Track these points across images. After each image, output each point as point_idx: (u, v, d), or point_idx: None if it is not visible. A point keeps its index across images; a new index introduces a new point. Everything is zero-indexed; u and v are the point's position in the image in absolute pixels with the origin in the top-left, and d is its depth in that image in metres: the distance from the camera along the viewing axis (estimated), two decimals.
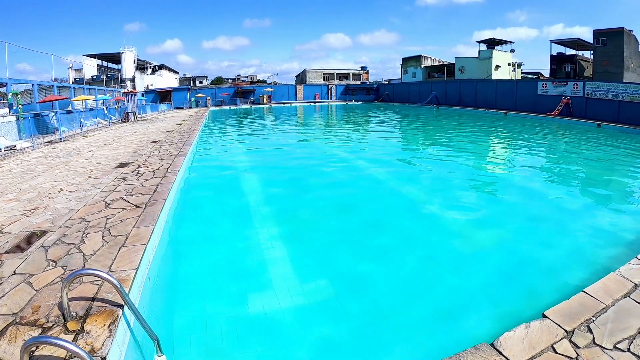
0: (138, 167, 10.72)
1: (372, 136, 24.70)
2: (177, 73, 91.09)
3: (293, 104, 61.21)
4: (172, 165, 10.84)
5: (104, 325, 3.41)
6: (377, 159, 15.45)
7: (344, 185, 11.07)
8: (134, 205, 7.12)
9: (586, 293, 4.23)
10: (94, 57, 67.49)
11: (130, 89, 45.49)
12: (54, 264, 4.71)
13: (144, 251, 5.03)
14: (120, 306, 3.70)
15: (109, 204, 7.22)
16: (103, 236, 5.58)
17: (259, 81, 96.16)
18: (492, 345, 3.21)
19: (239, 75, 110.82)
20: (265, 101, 65.42)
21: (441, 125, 30.58)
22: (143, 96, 52.18)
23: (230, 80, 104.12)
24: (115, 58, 63.95)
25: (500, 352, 3.08)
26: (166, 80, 74.31)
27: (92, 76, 63.27)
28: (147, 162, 11.49)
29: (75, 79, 61.53)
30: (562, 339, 3.35)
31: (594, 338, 3.39)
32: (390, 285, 5.54)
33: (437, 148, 19.44)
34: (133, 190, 8.22)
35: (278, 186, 10.85)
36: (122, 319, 3.58)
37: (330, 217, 8.33)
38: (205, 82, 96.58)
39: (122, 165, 11.33)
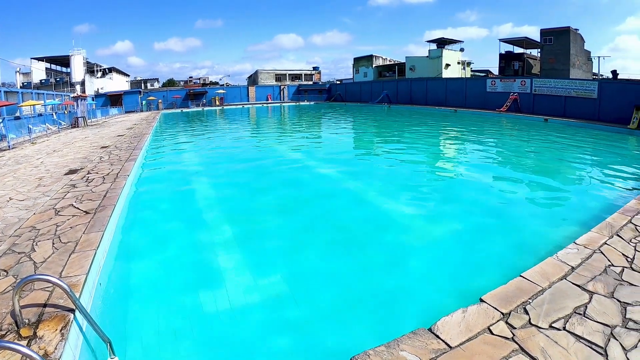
0: (88, 173, 10.96)
1: (324, 136, 25.44)
2: (128, 76, 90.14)
3: (245, 106, 62.50)
4: (122, 170, 11.07)
5: (56, 329, 3.50)
6: (328, 158, 15.96)
7: (295, 184, 11.45)
8: (84, 211, 7.23)
9: (523, 277, 4.33)
10: (42, 60, 65.37)
11: (79, 93, 45.98)
12: (5, 273, 4.74)
13: (94, 256, 5.14)
14: (72, 311, 3.78)
15: (58, 212, 7.31)
16: (53, 243, 5.66)
17: (211, 83, 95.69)
18: (429, 330, 3.27)
19: (190, 77, 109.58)
20: (217, 103, 66.23)
21: (392, 124, 31.82)
22: (93, 100, 51.72)
23: (182, 83, 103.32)
24: (65, 61, 62.93)
25: (437, 336, 3.15)
26: (117, 84, 73.56)
27: (41, 80, 61.77)
28: (97, 168, 11.72)
29: (23, 83, 60.46)
30: (498, 321, 3.44)
31: (529, 319, 3.49)
32: (341, 277, 5.71)
33: (388, 145, 20.35)
34: (83, 197, 8.32)
35: (229, 187, 11.18)
36: (74, 323, 3.69)
37: (283, 215, 8.58)
38: (156, 85, 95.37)
39: (72, 172, 11.44)
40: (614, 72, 44.27)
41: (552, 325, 3.49)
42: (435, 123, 31.87)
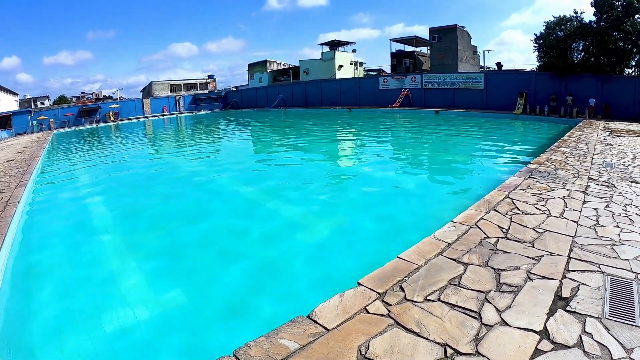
0: None
1: (221, 145, 26.47)
2: (17, 95, 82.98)
3: (141, 119, 61.52)
4: (11, 197, 10.88)
5: None
6: (224, 166, 16.67)
7: (193, 195, 11.83)
8: None
9: (400, 258, 4.65)
10: None
11: None
12: None
13: None
14: None
15: None
16: None
17: (105, 97, 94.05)
18: (308, 317, 3.51)
19: (83, 93, 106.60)
20: (111, 118, 63.28)
21: (288, 127, 34.13)
22: None
23: (74, 99, 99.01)
24: None
25: (315, 321, 3.40)
26: (4, 104, 66.97)
27: None
28: None
29: None
30: (374, 300, 3.72)
31: (405, 295, 3.81)
32: (239, 280, 6.19)
33: (284, 148, 21.52)
34: None
35: (126, 205, 11.31)
36: None
37: (181, 227, 8.91)
38: (47, 103, 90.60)
39: None
40: (499, 64, 50.18)
41: (427, 298, 3.83)
42: (330, 123, 33.59)
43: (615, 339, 3.16)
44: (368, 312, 3.58)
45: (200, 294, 5.88)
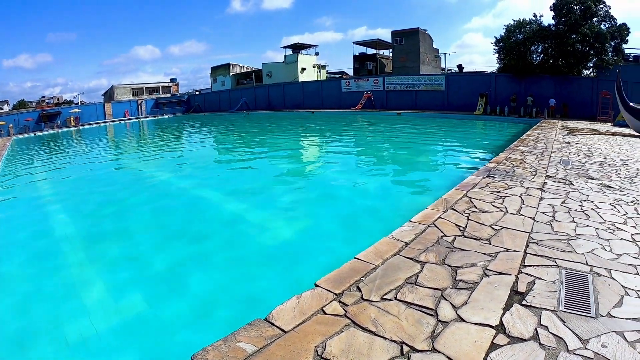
0: None
1: (182, 149, 26.59)
2: None
3: (103, 124, 60.46)
4: None
5: None
6: (186, 171, 16.86)
7: (154, 200, 11.80)
8: None
9: (358, 259, 4.72)
10: None
11: None
12: None
13: None
14: None
15: None
16: None
17: (65, 102, 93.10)
18: (265, 319, 3.59)
19: (43, 97, 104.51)
20: (72, 123, 62.19)
21: (250, 130, 34.69)
22: None
23: (34, 104, 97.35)
24: None
25: (272, 324, 3.49)
26: None
27: None
28: None
29: None
30: (331, 301, 3.80)
31: (362, 295, 3.88)
32: (198, 285, 6.34)
33: (247, 152, 21.95)
34: None
35: (86, 212, 11.19)
36: None
37: (140, 232, 8.99)
38: (6, 108, 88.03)
39: None
40: (460, 66, 51.82)
41: (384, 297, 3.88)
42: (293, 126, 34.20)
43: (571, 330, 3.24)
44: (325, 313, 3.64)
45: (160, 300, 5.96)
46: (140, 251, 8.01)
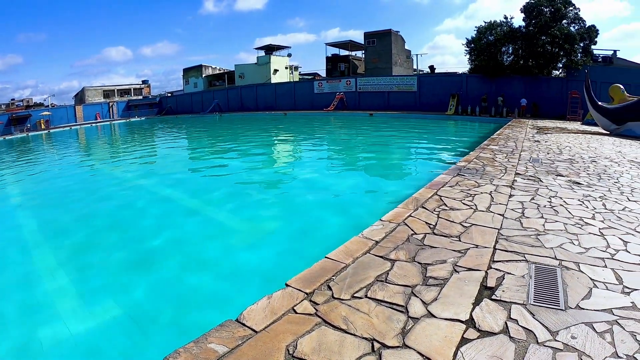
0: None
1: (154, 152, 26.53)
2: None
3: (74, 127, 60.38)
4: None
5: None
6: (157, 174, 16.78)
7: (125, 205, 11.80)
8: None
9: (328, 258, 4.77)
10: None
11: None
12: None
13: None
14: None
15: None
16: None
17: (36, 104, 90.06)
18: (237, 320, 3.64)
19: (13, 100, 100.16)
20: (43, 127, 61.19)
21: (224, 131, 35.23)
22: None
23: (3, 106, 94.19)
24: None
25: (243, 324, 3.54)
26: None
27: None
28: None
29: None
30: (302, 300, 3.86)
31: (332, 294, 3.94)
32: (172, 287, 6.42)
33: (220, 154, 22.08)
34: None
35: (56, 218, 11.03)
36: None
37: (112, 237, 8.98)
38: None
39: None
40: (432, 67, 52.67)
41: (354, 295, 3.91)
42: (266, 127, 34.40)
43: (541, 323, 3.30)
44: (296, 312, 3.68)
45: (134, 303, 6.00)
46: (106, 254, 8.01)
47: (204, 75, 73.53)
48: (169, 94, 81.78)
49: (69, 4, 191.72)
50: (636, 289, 3.86)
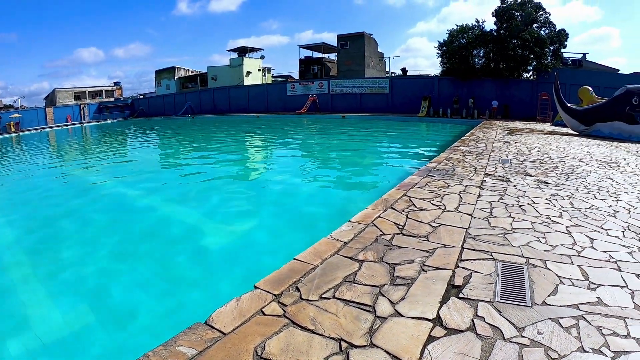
0: None
1: (126, 155, 26.47)
2: None
3: (44, 130, 59.23)
4: None
5: None
6: (128, 177, 16.74)
7: (98, 208, 11.72)
8: None
9: (297, 260, 4.82)
10: None
11: None
12: None
13: None
14: None
15: None
16: None
17: (5, 107, 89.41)
18: (205, 323, 3.66)
19: None
20: (12, 129, 59.94)
21: (196, 134, 35.30)
22: None
23: None
24: None
25: (212, 327, 3.57)
26: None
27: None
28: None
29: None
30: (270, 302, 3.89)
31: (300, 295, 3.98)
32: (142, 292, 6.40)
33: (192, 156, 22.15)
34: None
35: (26, 223, 10.88)
36: None
37: (81, 241, 8.91)
38: None
39: None
40: (404, 70, 53.59)
41: (322, 296, 3.94)
42: (238, 129, 34.68)
43: (507, 319, 3.35)
44: (264, 314, 3.71)
45: (105, 309, 6.01)
46: (76, 259, 7.94)
47: (176, 77, 73.80)
48: (141, 96, 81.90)
49: (40, 4, 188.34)
50: (602, 285, 3.95)
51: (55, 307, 6.14)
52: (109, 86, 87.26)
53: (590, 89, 22.25)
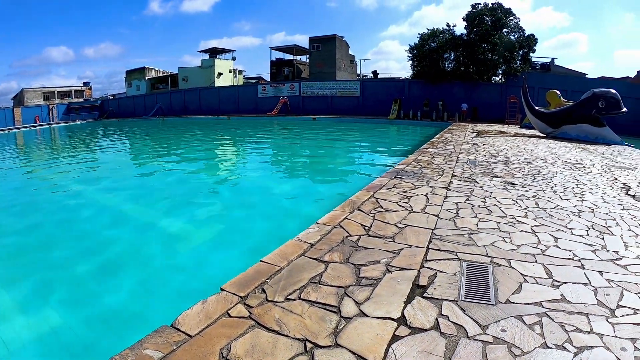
0: None
1: (94, 157, 25.94)
2: None
3: (12, 131, 57.16)
4: None
5: None
6: (96, 180, 16.35)
7: (65, 213, 11.36)
8: None
9: (263, 261, 4.83)
10: None
11: None
12: None
13: None
14: None
15: None
16: None
17: None
18: (172, 325, 3.66)
19: None
20: None
21: (166, 136, 35.09)
22: None
23: None
24: None
25: (178, 329, 3.58)
26: None
27: None
28: None
29: None
30: (236, 304, 3.91)
31: (266, 296, 4.00)
32: (109, 295, 6.32)
33: (162, 159, 21.86)
34: None
35: None
36: None
37: (50, 247, 8.61)
38: None
39: None
40: (375, 72, 54.03)
41: (288, 297, 3.96)
42: (209, 131, 34.78)
43: (471, 318, 3.40)
44: (230, 316, 3.73)
45: (73, 312, 5.95)
46: (45, 263, 7.80)
47: (147, 78, 73.65)
48: (111, 97, 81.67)
49: (7, 1, 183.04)
50: (565, 282, 4.04)
51: (20, 312, 6.05)
52: (79, 86, 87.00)
53: (558, 92, 22.89)
